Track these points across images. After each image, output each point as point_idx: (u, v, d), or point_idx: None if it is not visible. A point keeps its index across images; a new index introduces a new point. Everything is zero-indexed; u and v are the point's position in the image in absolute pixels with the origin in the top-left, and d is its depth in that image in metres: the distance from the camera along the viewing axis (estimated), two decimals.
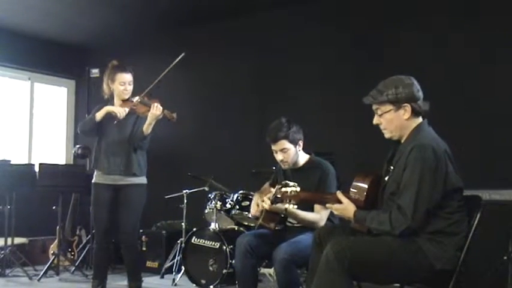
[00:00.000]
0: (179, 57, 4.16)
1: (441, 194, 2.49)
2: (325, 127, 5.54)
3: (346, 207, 2.73)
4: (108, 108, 4.15)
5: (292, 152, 3.55)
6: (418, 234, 2.51)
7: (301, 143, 3.60)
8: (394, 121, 2.67)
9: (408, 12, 5.33)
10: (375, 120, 2.75)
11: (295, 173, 3.62)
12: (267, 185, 3.86)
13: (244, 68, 6.47)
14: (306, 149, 3.70)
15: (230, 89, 6.57)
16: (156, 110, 4.04)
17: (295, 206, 3.03)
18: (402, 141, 2.71)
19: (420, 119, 2.68)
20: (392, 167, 2.69)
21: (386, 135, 2.75)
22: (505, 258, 4.04)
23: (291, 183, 3.36)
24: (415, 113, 2.65)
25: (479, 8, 4.93)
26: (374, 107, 2.74)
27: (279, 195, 3.02)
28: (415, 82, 2.68)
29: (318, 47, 5.92)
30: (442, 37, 5.07)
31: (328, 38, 5.85)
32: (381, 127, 2.75)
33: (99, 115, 4.15)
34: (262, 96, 6.26)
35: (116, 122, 4.11)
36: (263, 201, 3.35)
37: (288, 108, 5.64)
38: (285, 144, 3.50)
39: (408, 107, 2.64)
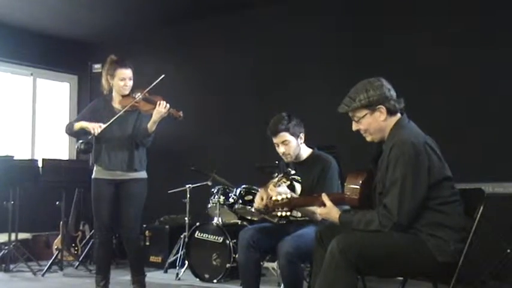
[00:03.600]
0: (159, 79, 4.10)
1: (427, 187, 2.48)
2: (327, 121, 5.51)
3: (330, 212, 2.72)
4: (82, 124, 4.12)
5: (293, 145, 3.53)
6: (417, 228, 2.50)
7: (302, 135, 3.58)
8: (372, 124, 2.68)
9: (408, 8, 5.32)
10: (354, 127, 2.75)
11: (298, 166, 3.62)
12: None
13: (246, 62, 6.47)
14: (308, 143, 3.69)
15: (232, 83, 6.56)
16: (162, 107, 4.01)
17: (288, 213, 3.02)
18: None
19: (398, 116, 2.68)
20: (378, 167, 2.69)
21: (368, 138, 2.76)
22: (509, 251, 4.04)
23: (292, 172, 3.36)
24: (390, 112, 2.66)
25: (479, 6, 4.92)
26: (350, 114, 2.74)
27: (269, 206, 2.99)
28: (385, 82, 2.68)
29: (318, 41, 5.91)
30: (442, 35, 5.06)
31: (329, 33, 5.84)
32: (361, 132, 2.75)
33: (76, 126, 4.15)
34: (265, 91, 6.25)
35: (90, 137, 4.10)
36: (268, 189, 3.35)
37: (290, 102, 5.63)
38: (286, 136, 3.50)
39: (383, 108, 2.64)
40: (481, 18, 4.92)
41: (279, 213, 2.94)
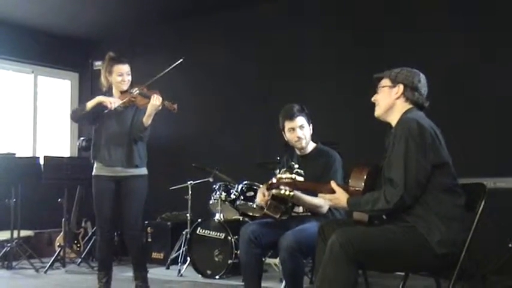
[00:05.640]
0: (177, 62, 4.11)
1: (430, 164, 2.51)
2: (329, 117, 5.53)
3: (339, 197, 2.76)
4: (99, 98, 4.10)
5: (308, 131, 3.61)
6: (418, 212, 2.51)
7: (311, 127, 3.65)
8: (385, 96, 2.78)
9: (408, 8, 5.32)
10: (373, 98, 2.85)
11: (302, 159, 3.64)
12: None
13: (247, 59, 6.46)
14: (312, 138, 3.72)
15: (233, 80, 6.56)
16: (156, 101, 4.02)
17: (291, 193, 3.03)
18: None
19: (411, 105, 2.74)
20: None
21: (376, 112, 2.84)
22: (510, 246, 4.04)
23: (295, 166, 3.38)
24: (406, 97, 2.73)
25: (479, 7, 4.91)
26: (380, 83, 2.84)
27: (274, 181, 3.02)
28: (422, 76, 2.77)
29: (318, 40, 5.91)
30: (443, 35, 5.06)
31: (329, 32, 5.83)
32: (376, 103, 2.84)
33: (90, 104, 4.12)
34: (266, 87, 6.25)
35: (106, 111, 4.08)
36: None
37: (291, 98, 5.59)
38: (303, 120, 3.58)
39: (401, 87, 2.73)
40: (480, 18, 4.90)
41: (282, 191, 2.95)
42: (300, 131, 3.58)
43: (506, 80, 4.77)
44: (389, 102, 2.76)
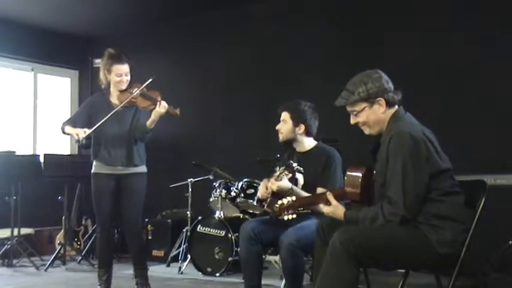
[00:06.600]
0: (148, 81, 4.07)
1: (428, 176, 2.48)
2: (329, 115, 5.51)
3: (335, 210, 2.73)
4: (69, 130, 4.10)
5: (288, 127, 3.65)
6: (418, 219, 2.50)
7: (302, 127, 3.64)
8: (370, 117, 2.68)
9: (409, 8, 5.31)
10: (352, 121, 2.75)
11: (301, 157, 3.65)
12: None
13: (247, 57, 6.45)
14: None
15: (233, 78, 6.55)
16: (162, 108, 4.00)
17: (294, 216, 3.02)
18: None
19: (395, 108, 2.68)
20: (377, 160, 2.69)
21: (366, 131, 2.75)
22: (511, 242, 4.04)
23: (294, 164, 3.39)
24: (389, 104, 2.65)
25: (480, 6, 4.91)
26: (348, 108, 2.74)
27: (276, 210, 3.00)
28: (383, 74, 2.68)
29: (318, 38, 5.90)
30: (442, 35, 5.05)
31: (329, 32, 5.83)
32: (360, 125, 2.75)
33: (67, 131, 4.14)
34: (266, 85, 6.24)
35: (76, 141, 4.06)
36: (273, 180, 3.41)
37: (292, 96, 5.61)
38: (286, 116, 3.66)
39: (382, 101, 2.64)
40: (481, 17, 4.89)
41: (285, 218, 2.93)
42: (280, 124, 3.69)
43: (506, 80, 4.77)
44: (377, 119, 2.67)
